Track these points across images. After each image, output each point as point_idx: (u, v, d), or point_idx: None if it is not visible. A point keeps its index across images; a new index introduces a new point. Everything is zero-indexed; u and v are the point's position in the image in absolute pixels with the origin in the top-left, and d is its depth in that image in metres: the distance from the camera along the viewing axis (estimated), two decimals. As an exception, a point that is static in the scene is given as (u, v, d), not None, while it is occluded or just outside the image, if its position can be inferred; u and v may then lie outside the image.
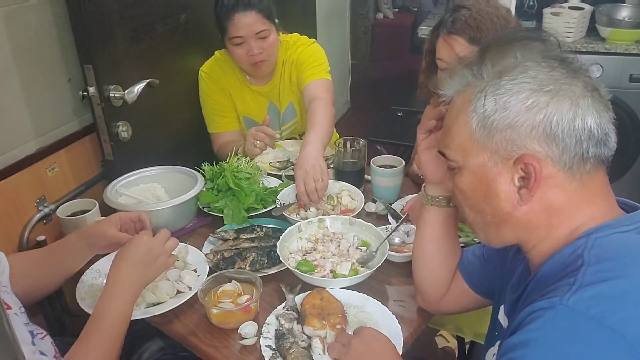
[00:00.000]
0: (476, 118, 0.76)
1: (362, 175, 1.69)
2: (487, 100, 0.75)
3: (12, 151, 1.45)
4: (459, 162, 0.81)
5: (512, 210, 0.78)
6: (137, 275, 1.08)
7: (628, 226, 0.75)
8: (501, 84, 0.74)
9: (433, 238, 1.09)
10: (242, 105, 1.96)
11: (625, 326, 0.63)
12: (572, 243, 0.75)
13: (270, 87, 1.94)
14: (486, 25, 1.34)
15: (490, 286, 1.05)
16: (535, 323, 0.68)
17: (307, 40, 1.94)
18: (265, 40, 1.76)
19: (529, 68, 0.74)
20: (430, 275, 1.12)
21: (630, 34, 2.60)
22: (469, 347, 1.83)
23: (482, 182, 0.79)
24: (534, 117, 0.72)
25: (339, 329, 1.10)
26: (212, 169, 1.60)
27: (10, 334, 0.50)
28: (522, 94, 0.73)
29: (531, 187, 0.74)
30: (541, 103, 0.72)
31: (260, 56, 1.76)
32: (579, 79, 0.74)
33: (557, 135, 0.72)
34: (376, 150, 2.79)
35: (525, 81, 0.73)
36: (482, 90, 0.76)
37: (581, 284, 0.67)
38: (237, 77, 1.93)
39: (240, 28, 1.71)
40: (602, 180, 0.78)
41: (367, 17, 4.62)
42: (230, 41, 1.76)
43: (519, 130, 0.73)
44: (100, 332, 1.00)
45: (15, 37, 1.41)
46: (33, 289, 1.18)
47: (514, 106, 0.73)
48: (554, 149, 0.73)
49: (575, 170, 0.74)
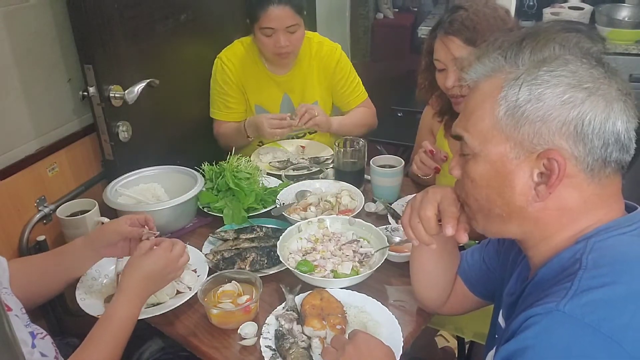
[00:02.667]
0: (505, 106, 0.73)
1: (362, 175, 1.69)
2: (522, 89, 0.72)
3: (12, 151, 1.45)
4: (476, 149, 0.78)
5: (525, 206, 0.75)
6: (149, 286, 1.12)
7: (627, 227, 0.74)
8: (539, 74, 0.72)
9: (431, 254, 1.05)
10: (257, 94, 1.98)
11: (623, 334, 0.62)
12: (572, 247, 0.74)
13: (289, 77, 1.97)
14: (482, 26, 1.34)
15: (491, 289, 1.05)
16: (532, 330, 0.67)
17: (334, 44, 2.00)
18: (293, 34, 1.80)
19: (569, 62, 0.72)
20: (431, 287, 1.12)
21: (630, 34, 2.60)
22: (469, 347, 1.83)
23: (499, 172, 0.76)
24: (567, 113, 0.70)
25: (339, 329, 1.10)
26: (212, 168, 1.61)
27: (11, 336, 0.50)
28: (560, 87, 0.70)
29: (551, 184, 0.72)
30: (577, 100, 0.70)
31: (286, 48, 1.81)
32: (615, 81, 0.73)
33: (587, 134, 0.70)
34: (376, 150, 2.79)
35: (564, 75, 0.71)
36: (517, 78, 0.73)
37: (577, 289, 0.66)
38: (257, 64, 1.95)
39: (273, 20, 1.75)
40: (617, 185, 0.77)
41: (367, 17, 4.61)
42: (261, 30, 1.80)
43: (549, 124, 0.71)
44: (108, 335, 1.02)
45: (15, 37, 1.41)
46: (35, 295, 1.18)
47: (549, 99, 0.70)
48: (580, 149, 0.71)
49: (595, 173, 0.73)
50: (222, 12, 2.09)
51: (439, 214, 0.93)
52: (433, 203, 0.93)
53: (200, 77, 1.99)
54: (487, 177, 0.78)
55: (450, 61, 1.39)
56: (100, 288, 1.28)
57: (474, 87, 0.81)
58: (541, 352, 0.65)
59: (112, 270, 1.33)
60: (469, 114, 0.80)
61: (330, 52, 1.97)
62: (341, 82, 1.99)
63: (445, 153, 1.48)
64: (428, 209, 0.93)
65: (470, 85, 0.82)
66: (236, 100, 1.98)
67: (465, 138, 0.80)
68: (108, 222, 1.28)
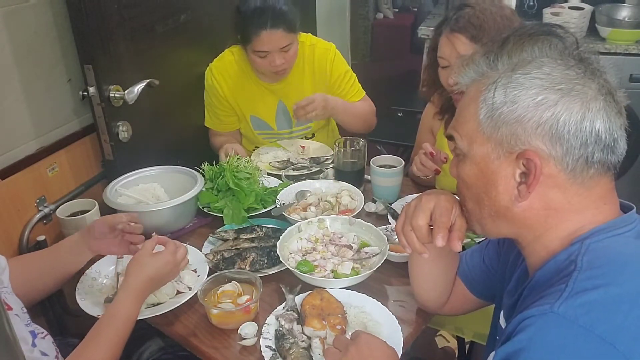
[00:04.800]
0: (485, 109, 0.76)
1: (362, 175, 1.69)
2: (497, 92, 0.74)
3: (12, 151, 1.45)
4: (464, 149, 0.81)
5: (510, 205, 0.77)
6: (152, 287, 1.15)
7: (622, 228, 0.74)
8: (513, 77, 0.74)
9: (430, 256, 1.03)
10: (251, 104, 1.97)
11: (616, 335, 0.62)
12: (567, 249, 0.75)
13: (283, 85, 1.94)
14: (489, 25, 1.34)
15: (491, 290, 1.05)
16: (526, 332, 0.67)
17: (327, 44, 1.96)
18: (288, 52, 1.79)
19: (544, 64, 0.73)
20: (431, 289, 1.12)
21: (630, 34, 2.59)
22: (469, 347, 1.83)
23: (484, 172, 0.78)
24: (541, 114, 0.71)
25: (339, 329, 1.10)
26: (212, 169, 1.60)
27: (11, 335, 0.50)
28: (533, 89, 0.72)
29: (530, 183, 0.74)
30: (550, 101, 0.71)
31: (282, 66, 1.80)
32: (594, 80, 0.73)
33: (563, 135, 0.71)
34: (376, 150, 2.79)
35: (538, 77, 0.72)
36: (494, 82, 0.76)
37: (572, 291, 0.67)
38: (249, 75, 1.94)
39: (266, 44, 1.74)
40: (606, 186, 0.76)
41: (367, 17, 4.61)
42: (254, 53, 1.78)
43: (525, 125, 0.72)
44: (111, 333, 1.03)
45: (15, 37, 1.41)
46: (33, 291, 1.19)
47: (523, 101, 0.72)
48: (557, 149, 0.72)
49: (577, 173, 0.73)
50: (222, 13, 2.09)
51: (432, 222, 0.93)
52: (426, 212, 0.92)
53: (200, 77, 1.99)
54: (474, 177, 0.80)
55: (454, 58, 1.39)
56: (100, 288, 1.28)
57: (465, 90, 0.83)
58: (535, 354, 0.65)
59: (112, 270, 1.33)
60: (458, 115, 0.83)
61: (324, 53, 1.94)
62: (337, 81, 1.96)
63: (445, 154, 1.48)
64: (420, 218, 0.92)
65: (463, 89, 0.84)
66: (226, 113, 1.98)
67: (455, 138, 0.83)
68: (89, 226, 1.27)
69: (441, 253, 1.03)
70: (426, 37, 3.12)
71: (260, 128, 2.00)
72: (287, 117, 1.99)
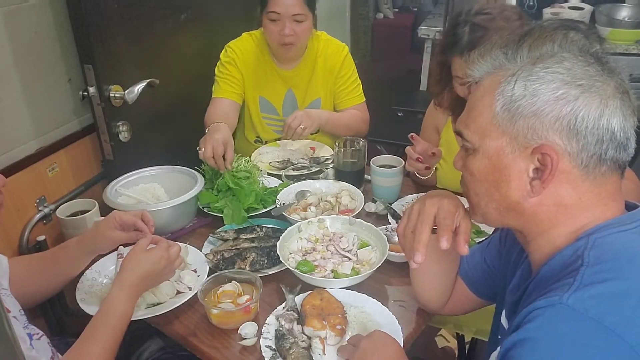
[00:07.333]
0: (502, 101, 0.75)
1: (362, 175, 1.69)
2: (517, 84, 0.74)
3: (12, 151, 1.45)
4: (475, 144, 0.79)
5: (521, 200, 0.77)
6: (147, 284, 1.15)
7: (628, 225, 0.74)
8: (534, 70, 0.73)
9: (431, 256, 1.02)
10: (262, 84, 1.98)
11: (625, 327, 0.63)
12: (573, 244, 0.75)
13: (295, 73, 1.97)
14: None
15: (493, 289, 1.05)
16: (535, 322, 0.67)
17: (342, 44, 2.01)
18: (299, 24, 1.80)
19: (565, 59, 0.73)
20: (432, 289, 1.12)
21: (630, 34, 2.60)
22: (469, 347, 1.83)
23: (496, 167, 0.78)
24: (560, 109, 0.71)
25: (339, 329, 1.10)
26: (212, 169, 1.61)
27: (11, 336, 0.50)
28: (554, 83, 0.72)
29: (545, 179, 0.73)
30: (571, 96, 0.71)
31: (290, 38, 1.80)
32: (612, 79, 0.73)
33: (580, 131, 0.71)
34: (376, 150, 2.79)
35: (559, 71, 0.72)
36: (513, 74, 0.75)
37: (580, 284, 0.67)
38: (265, 57, 1.95)
39: (279, 5, 1.76)
40: (615, 184, 0.77)
41: (367, 17, 4.61)
42: (267, 15, 1.79)
43: (543, 119, 0.72)
44: (107, 330, 1.03)
45: (15, 37, 1.41)
46: (32, 294, 1.19)
47: (543, 94, 0.72)
48: (573, 145, 0.72)
49: (590, 170, 0.73)
50: (222, 12, 2.09)
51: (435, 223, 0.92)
52: (430, 216, 0.92)
53: (201, 77, 1.99)
54: (485, 171, 0.79)
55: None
56: (100, 288, 1.28)
57: (477, 83, 0.82)
58: (543, 344, 0.66)
59: (112, 270, 1.33)
60: (470, 109, 0.82)
61: (338, 49, 1.98)
62: (342, 80, 1.99)
63: (433, 149, 1.48)
64: (424, 222, 0.92)
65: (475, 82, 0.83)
66: (236, 81, 1.94)
67: (465, 135, 0.82)
68: (99, 224, 1.26)
69: (442, 254, 1.03)
70: (426, 37, 3.12)
71: (266, 111, 2.01)
72: (294, 106, 2.00)
